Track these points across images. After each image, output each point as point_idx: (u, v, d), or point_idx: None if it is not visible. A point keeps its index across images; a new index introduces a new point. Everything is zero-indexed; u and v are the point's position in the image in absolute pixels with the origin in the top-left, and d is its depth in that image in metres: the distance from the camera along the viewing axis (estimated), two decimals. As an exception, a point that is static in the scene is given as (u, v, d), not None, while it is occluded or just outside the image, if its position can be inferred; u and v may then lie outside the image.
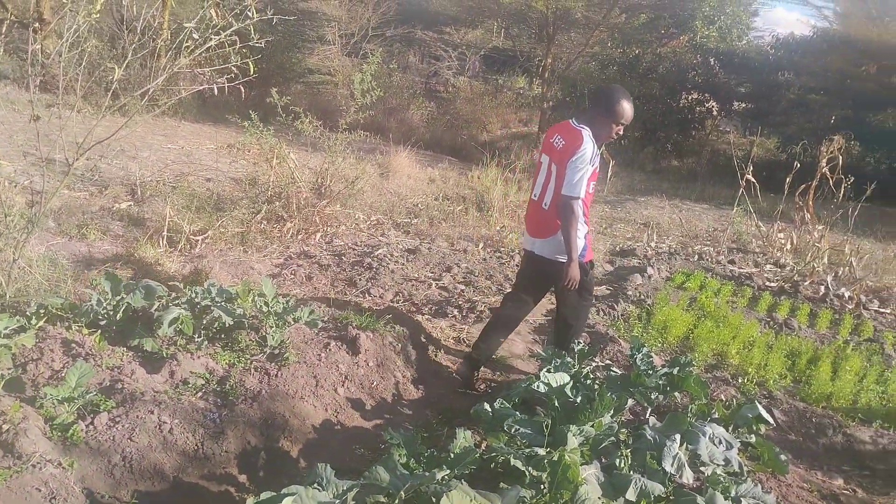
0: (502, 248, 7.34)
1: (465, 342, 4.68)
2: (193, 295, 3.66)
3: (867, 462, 3.90)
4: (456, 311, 5.22)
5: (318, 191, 7.07)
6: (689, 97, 17.30)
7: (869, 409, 4.39)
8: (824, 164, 8.69)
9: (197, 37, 3.73)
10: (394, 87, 16.53)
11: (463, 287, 5.85)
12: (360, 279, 5.62)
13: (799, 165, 9.01)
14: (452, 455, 2.57)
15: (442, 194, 9.77)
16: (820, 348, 5.29)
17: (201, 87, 4.03)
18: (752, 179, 9.05)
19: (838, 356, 5.14)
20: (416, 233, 7.57)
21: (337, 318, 4.31)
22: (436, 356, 4.37)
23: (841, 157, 8.96)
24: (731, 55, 16.94)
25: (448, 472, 2.38)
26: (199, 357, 3.41)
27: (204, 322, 3.64)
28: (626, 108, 3.67)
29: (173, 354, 3.36)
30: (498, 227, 8.19)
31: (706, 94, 17.23)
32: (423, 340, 4.43)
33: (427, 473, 2.27)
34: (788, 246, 8.82)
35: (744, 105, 18.19)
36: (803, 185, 8.84)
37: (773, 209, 9.41)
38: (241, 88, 4.09)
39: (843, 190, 8.71)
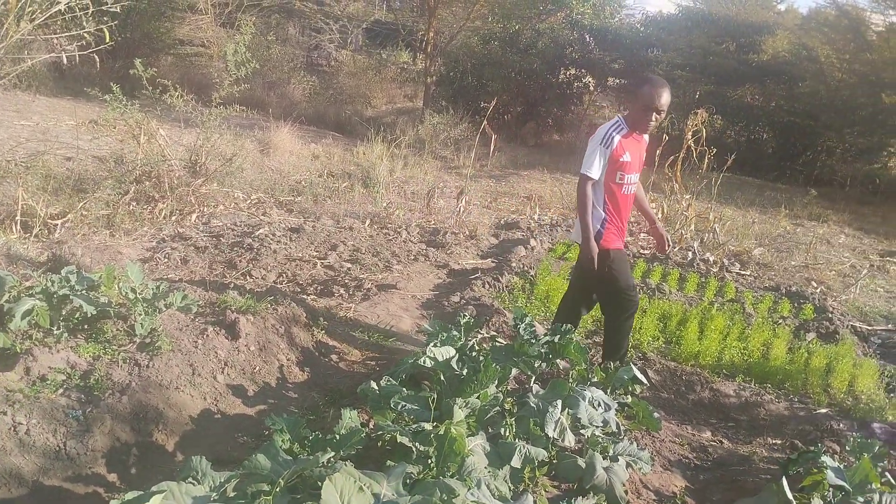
0: (389, 225, 7.28)
1: (351, 321, 4.61)
2: (49, 284, 3.36)
3: (732, 414, 4.21)
4: (342, 290, 5.13)
5: (193, 169, 6.70)
6: (568, 73, 17.80)
7: (732, 365, 4.73)
8: (689, 137, 9.22)
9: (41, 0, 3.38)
10: (273, 61, 15.91)
11: (349, 265, 5.75)
12: (241, 261, 5.40)
13: (668, 138, 9.51)
14: (338, 437, 2.52)
15: (326, 171, 9.55)
16: (688, 310, 5.64)
17: (48, 56, 3.67)
18: (626, 152, 9.45)
19: (705, 317, 5.50)
20: (300, 211, 7.36)
21: (215, 303, 4.11)
22: (322, 337, 4.27)
23: (704, 130, 9.55)
24: (604, 32, 17.53)
25: (333, 454, 2.33)
26: (58, 351, 3.14)
27: (63, 313, 3.35)
28: (651, 91, 3.61)
29: (28, 350, 3.08)
30: (384, 204, 8.12)
31: (583, 70, 17.78)
32: (309, 321, 4.32)
33: (311, 457, 2.20)
34: (660, 215, 9.32)
35: (618, 81, 18.95)
36: (672, 157, 9.35)
37: (645, 180, 9.88)
38: (96, 58, 3.76)
39: (706, 161, 9.29)
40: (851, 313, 6.63)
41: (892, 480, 3.04)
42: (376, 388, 3.09)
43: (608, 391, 3.59)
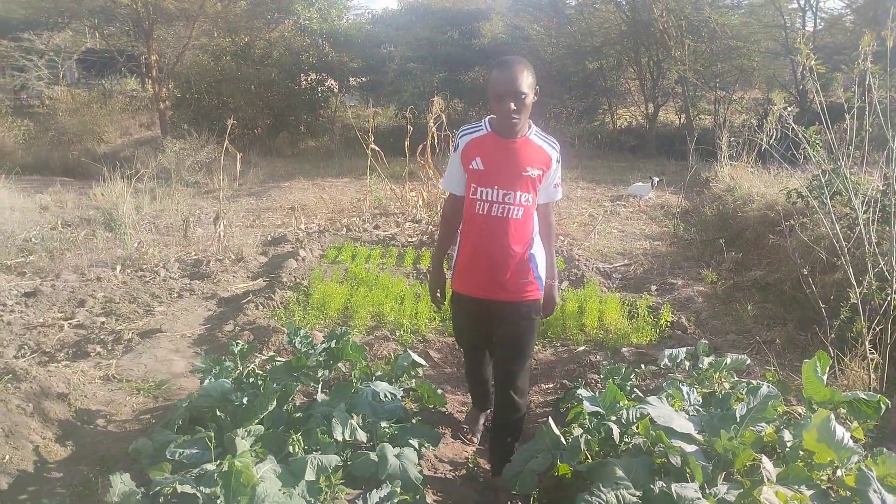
0: (144, 266, 6.75)
1: (115, 378, 4.22)
2: None
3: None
4: (99, 348, 4.66)
5: None
6: (309, 78, 17.81)
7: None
8: (432, 124, 9.74)
9: None
10: (-32, 109, 13.89)
11: (103, 319, 5.25)
12: (-33, 343, 4.67)
13: (412, 128, 9.95)
14: (109, 507, 2.31)
15: (60, 221, 8.59)
16: (458, 285, 5.99)
17: None
18: (377, 148, 9.74)
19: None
20: (35, 272, 6.53)
21: (-62, 399, 3.52)
22: (83, 404, 3.86)
23: (444, 116, 10.14)
24: (335, 35, 17.81)
25: (104, 528, 2.13)
26: None
27: None
28: (493, 75, 2.76)
29: None
30: (135, 245, 7.50)
31: (323, 74, 17.91)
32: (65, 390, 3.88)
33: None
34: (421, 202, 9.74)
35: (360, 79, 19.37)
36: (420, 146, 9.81)
37: (403, 171, 10.26)
38: None
39: (451, 143, 9.88)
40: (594, 257, 7.51)
41: (640, 394, 3.53)
42: (150, 442, 2.88)
43: (393, 381, 3.71)
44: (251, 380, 3.37)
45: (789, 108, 4.40)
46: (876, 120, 3.81)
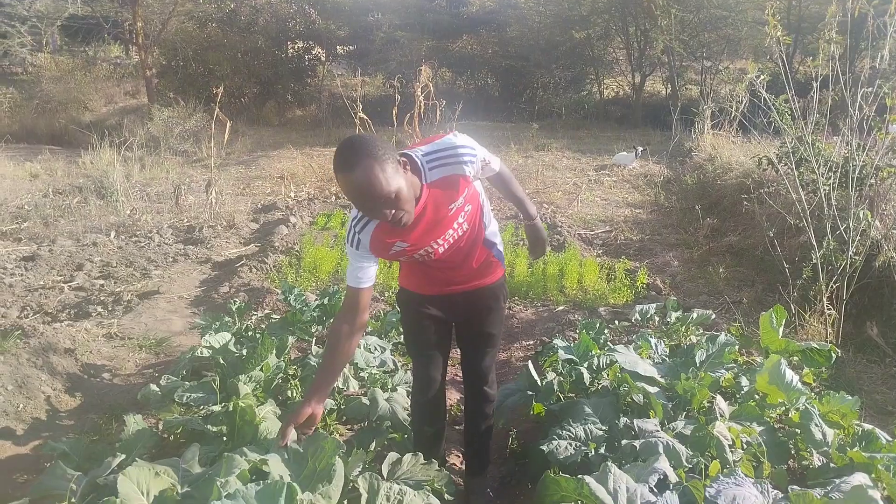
0: (138, 232, 6.92)
1: (117, 336, 4.43)
2: None
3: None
4: (100, 308, 4.86)
5: None
6: (296, 46, 17.73)
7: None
8: (420, 93, 9.88)
9: None
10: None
11: (102, 282, 5.44)
12: (-29, 304, 4.85)
13: (400, 97, 10.08)
14: (127, 441, 2.54)
15: (52, 189, 8.69)
16: (445, 250, 6.21)
17: None
18: (365, 117, 9.86)
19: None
20: (30, 237, 6.68)
21: (-49, 353, 3.72)
22: (88, 359, 4.07)
23: (432, 85, 10.27)
24: (322, 1, 17.69)
25: (124, 457, 2.36)
26: None
27: None
28: (341, 182, 2.05)
29: None
30: (128, 211, 7.65)
31: (310, 42, 17.83)
32: (70, 346, 4.09)
33: (102, 465, 2.23)
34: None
35: (347, 48, 19.30)
36: (408, 115, 9.95)
37: (391, 140, 10.39)
38: None
39: (438, 113, 10.03)
40: (577, 224, 7.75)
41: (612, 346, 3.79)
42: (157, 389, 3.11)
43: (382, 336, 3.95)
44: (249, 333, 3.59)
45: (762, 77, 4.60)
46: (839, 88, 4.04)
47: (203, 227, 7.09)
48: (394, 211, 2.07)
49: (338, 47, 18.89)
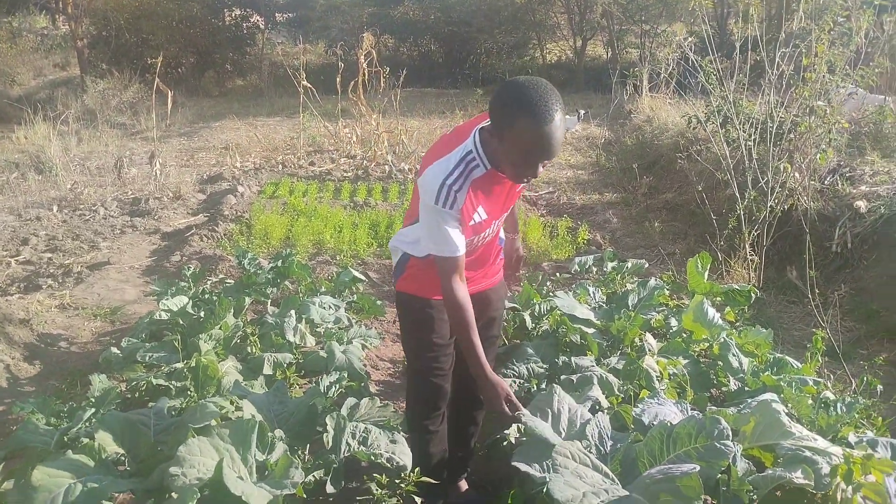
0: (81, 206, 6.83)
1: (70, 307, 4.46)
2: None
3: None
4: (50, 281, 4.86)
5: None
6: (233, 14, 17.33)
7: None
8: (363, 61, 9.86)
9: None
10: None
11: (50, 255, 5.41)
12: (-87, 282, 4.79)
13: (343, 65, 10.06)
14: (94, 398, 2.65)
15: (-15, 165, 8.44)
16: (393, 215, 6.36)
17: None
18: (309, 86, 9.82)
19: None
20: (-31, 214, 6.54)
21: None
22: (44, 329, 4.11)
23: (375, 52, 10.25)
24: (257, -32, 17.29)
25: (94, 410, 2.48)
26: None
27: None
28: (538, 130, 1.92)
29: None
30: (69, 185, 7.51)
31: (248, 10, 17.44)
32: (24, 318, 4.12)
33: (75, 418, 2.34)
34: (354, 138, 9.95)
35: (287, 15, 18.94)
36: (352, 82, 9.94)
37: (335, 109, 10.39)
38: None
39: (382, 80, 10.04)
40: (521, 185, 7.97)
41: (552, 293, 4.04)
42: (118, 351, 3.21)
43: (336, 295, 4.10)
44: (206, 296, 3.70)
45: (688, 39, 4.85)
46: (758, 50, 4.32)
47: (149, 199, 7.04)
48: (541, 170, 2.02)
49: (277, 15, 18.52)
